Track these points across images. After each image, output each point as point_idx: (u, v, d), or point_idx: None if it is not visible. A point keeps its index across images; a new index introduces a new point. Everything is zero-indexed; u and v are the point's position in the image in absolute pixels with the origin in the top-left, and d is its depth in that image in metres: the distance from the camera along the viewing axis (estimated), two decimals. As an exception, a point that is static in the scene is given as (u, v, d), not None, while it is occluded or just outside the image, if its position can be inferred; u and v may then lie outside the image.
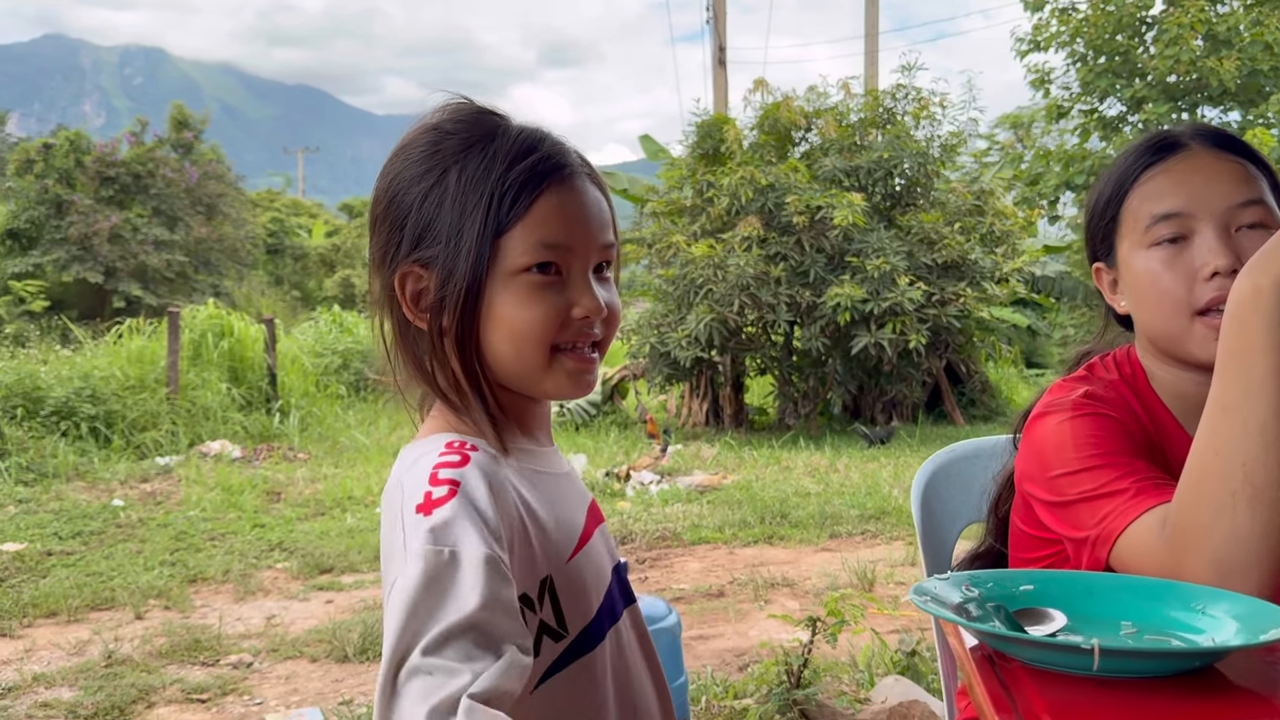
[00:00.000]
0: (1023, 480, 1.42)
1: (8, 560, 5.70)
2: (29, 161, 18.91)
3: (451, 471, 0.95)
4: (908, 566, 5.54)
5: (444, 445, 1.00)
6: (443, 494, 0.92)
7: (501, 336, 1.02)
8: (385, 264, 1.07)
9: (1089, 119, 19.88)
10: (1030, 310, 15.44)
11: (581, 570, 1.07)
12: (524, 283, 1.01)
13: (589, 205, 1.06)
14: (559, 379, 1.05)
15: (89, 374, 9.80)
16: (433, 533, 0.88)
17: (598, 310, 1.05)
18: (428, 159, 1.05)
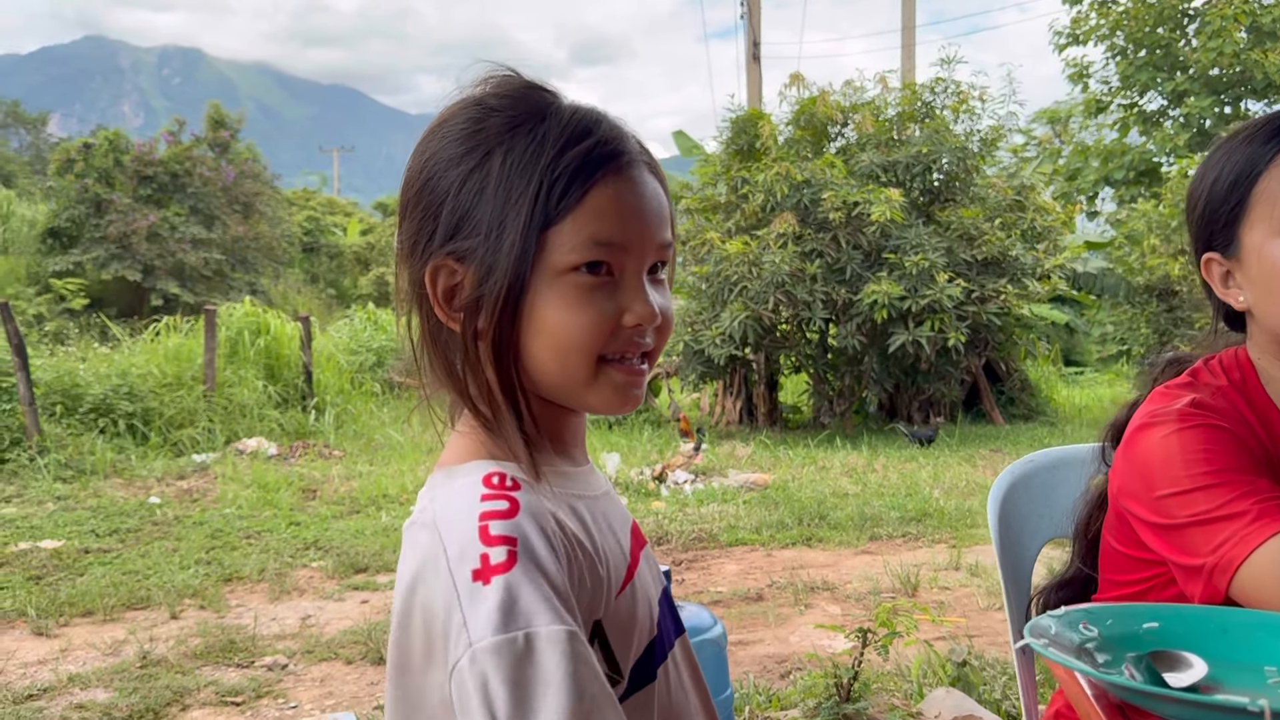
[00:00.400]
0: (1121, 497, 1.31)
1: (45, 558, 5.70)
2: (69, 161, 19.09)
3: (504, 526, 0.83)
4: (951, 570, 5.41)
5: (483, 483, 0.88)
6: (502, 559, 0.81)
7: (544, 344, 0.90)
8: (415, 255, 0.94)
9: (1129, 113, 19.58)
10: (1068, 307, 15.20)
11: (632, 604, 0.96)
12: (571, 284, 0.89)
13: (647, 198, 0.94)
14: (605, 393, 0.93)
15: (127, 371, 9.84)
16: (502, 613, 0.78)
17: (651, 318, 0.93)
18: (468, 138, 0.92)
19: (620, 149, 0.93)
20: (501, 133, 0.91)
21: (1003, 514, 1.66)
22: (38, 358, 9.74)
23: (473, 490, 0.87)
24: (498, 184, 0.89)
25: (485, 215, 0.90)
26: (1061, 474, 1.73)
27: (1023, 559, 1.67)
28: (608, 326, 0.91)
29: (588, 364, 0.91)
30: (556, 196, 0.88)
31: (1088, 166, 19.64)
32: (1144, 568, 1.33)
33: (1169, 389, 1.36)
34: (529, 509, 0.85)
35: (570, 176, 0.89)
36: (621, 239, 0.91)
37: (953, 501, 7.08)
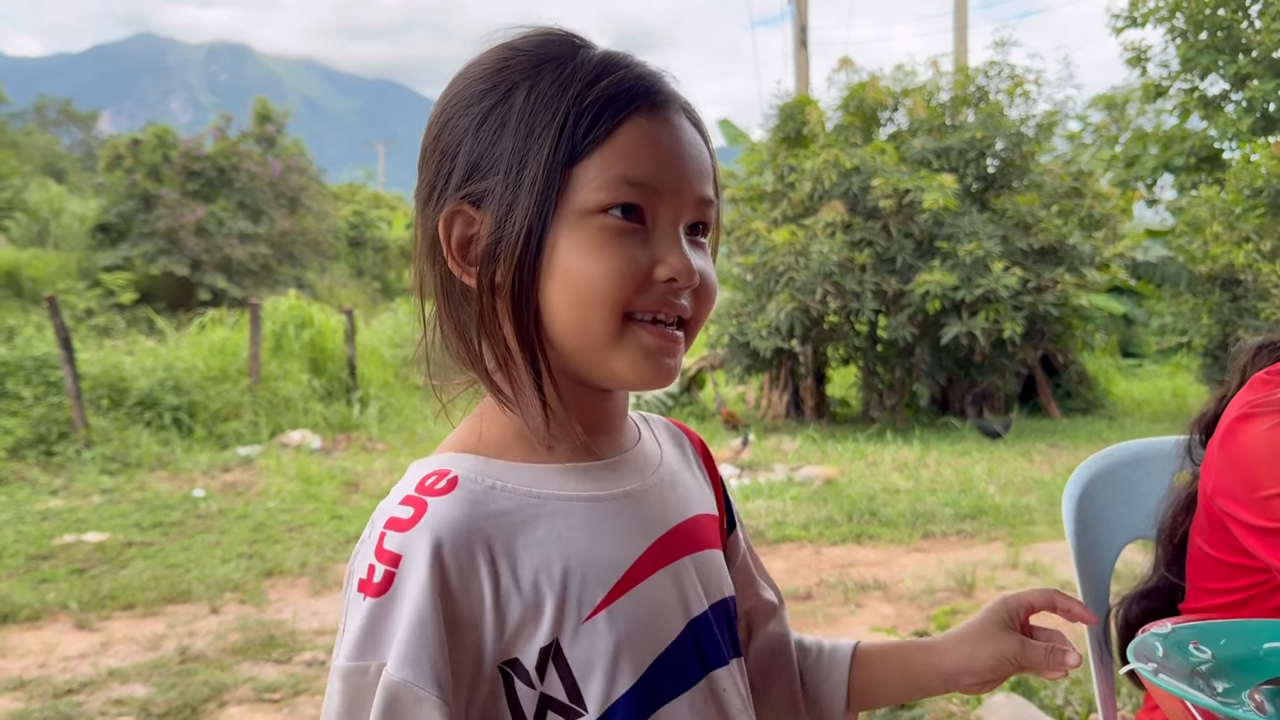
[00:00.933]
0: (1217, 497, 1.16)
1: (89, 550, 5.71)
2: (118, 157, 19.33)
3: (396, 540, 0.77)
4: (1009, 569, 5.23)
5: (415, 484, 0.81)
6: (379, 579, 0.76)
7: (565, 294, 0.80)
8: (431, 204, 0.84)
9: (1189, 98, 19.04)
10: (1126, 298, 14.81)
11: (615, 626, 0.82)
12: (598, 225, 0.79)
13: (685, 144, 0.83)
14: (632, 356, 0.81)
15: (172, 365, 9.89)
16: (358, 639, 0.75)
17: (688, 274, 0.81)
18: (491, 76, 0.83)
19: (656, 87, 0.83)
20: (527, 69, 0.82)
21: (1080, 513, 1.51)
22: (85, 351, 9.83)
23: (401, 490, 0.82)
24: (520, 118, 0.80)
25: (506, 151, 0.80)
26: (1143, 469, 1.57)
27: (1101, 562, 1.52)
28: (637, 277, 0.80)
29: (613, 319, 0.80)
30: (584, 129, 0.79)
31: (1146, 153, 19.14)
32: (1242, 575, 1.19)
33: (1271, 375, 1.20)
34: (436, 523, 0.77)
35: (600, 109, 0.80)
36: (655, 181, 0.81)
37: (1009, 498, 6.86)
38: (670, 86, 0.85)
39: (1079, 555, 1.49)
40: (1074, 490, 1.52)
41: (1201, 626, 0.82)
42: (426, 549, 0.76)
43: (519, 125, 0.80)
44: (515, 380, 0.82)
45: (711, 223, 0.87)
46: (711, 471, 1.05)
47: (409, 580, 0.75)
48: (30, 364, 9.00)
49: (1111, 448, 1.58)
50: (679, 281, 0.81)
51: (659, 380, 0.83)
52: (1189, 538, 1.34)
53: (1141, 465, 1.55)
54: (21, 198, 19.97)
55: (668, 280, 0.81)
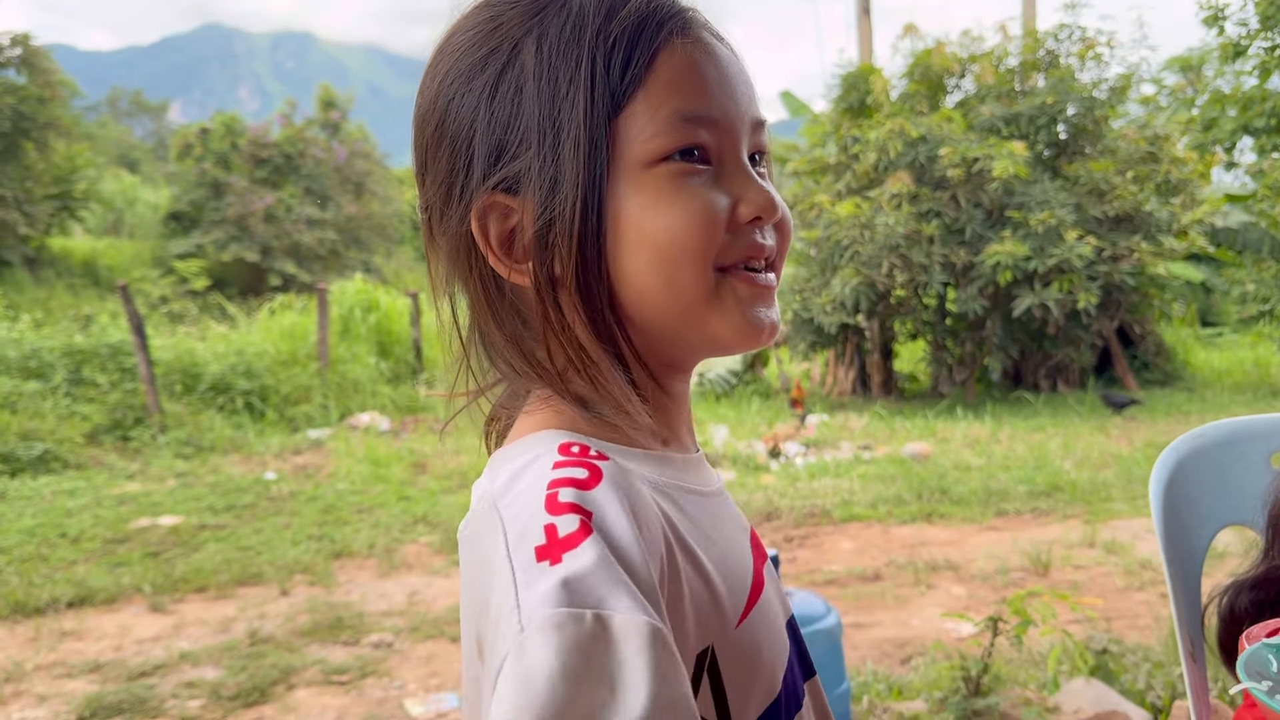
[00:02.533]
0: None
1: (164, 534, 5.82)
2: (188, 146, 19.77)
3: (578, 494, 0.62)
4: (1086, 547, 5.08)
5: (557, 449, 0.67)
6: (572, 529, 0.60)
7: (642, 260, 0.69)
8: (452, 204, 0.72)
9: (1270, 56, 18.28)
10: (1204, 265, 14.32)
11: (756, 637, 0.72)
12: (664, 174, 0.68)
13: (728, 63, 0.72)
14: (732, 314, 0.70)
15: (243, 350, 10.07)
16: (566, 588, 0.57)
17: (771, 206, 0.71)
18: (485, 38, 0.71)
19: (678, 6, 0.71)
20: (524, 19, 0.70)
21: (1168, 498, 1.41)
22: (158, 338, 10.05)
23: (545, 459, 0.67)
24: (538, 78, 0.68)
25: (532, 120, 0.69)
26: (1238, 450, 1.47)
27: (1193, 550, 1.42)
28: (720, 223, 0.69)
29: (705, 273, 0.69)
30: (618, 70, 0.68)
31: (1225, 115, 18.43)
32: None
33: None
34: (613, 480, 0.65)
35: (630, 42, 0.68)
36: (712, 111, 0.70)
37: (1085, 474, 6.67)
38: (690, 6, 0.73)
39: (1167, 543, 1.39)
40: (1162, 474, 1.42)
41: (1319, 634, 0.74)
42: (620, 506, 0.63)
43: (540, 86, 0.69)
44: (598, 379, 0.70)
45: (766, 149, 0.76)
46: None
47: (614, 533, 0.62)
48: (106, 351, 9.22)
49: (1203, 428, 1.47)
50: (764, 218, 0.71)
51: (764, 337, 0.73)
52: None
53: (1235, 446, 1.45)
54: (97, 188, 20.48)
55: (752, 220, 0.71)
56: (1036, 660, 3.38)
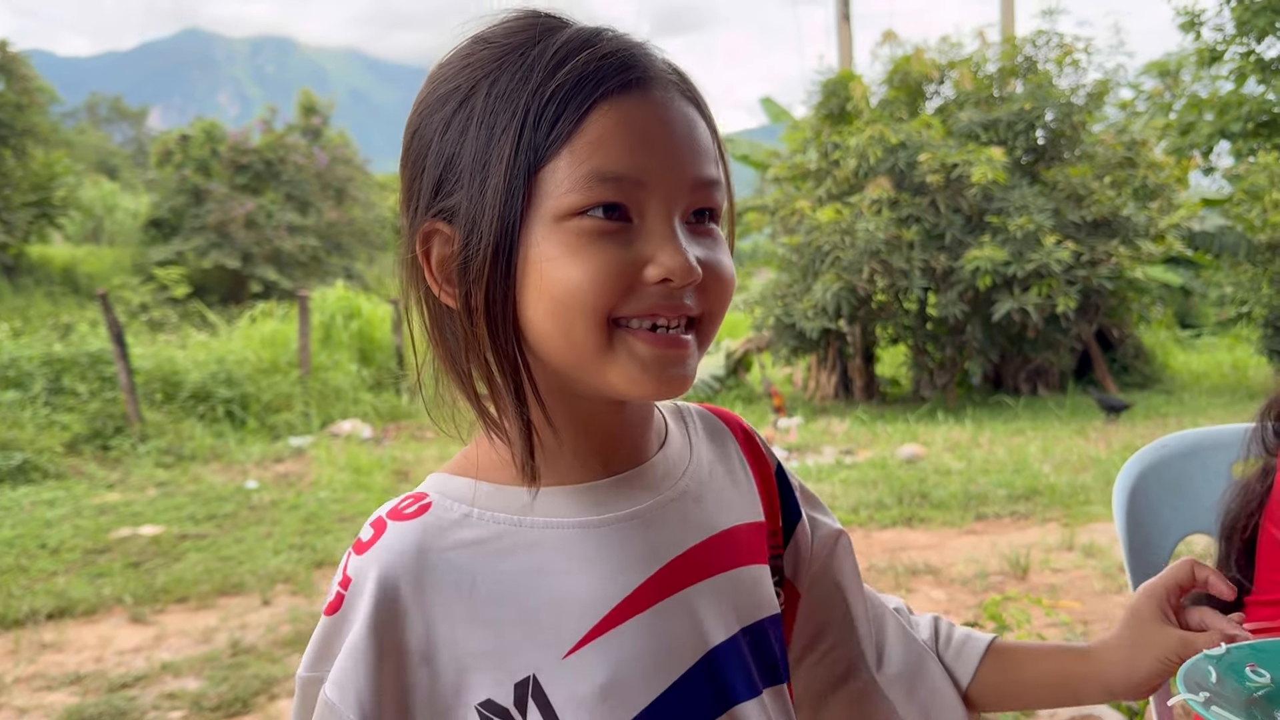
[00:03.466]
0: None
1: (145, 544, 5.80)
2: (168, 153, 19.70)
3: (354, 563, 0.77)
4: (1064, 550, 5.12)
5: (399, 500, 0.81)
6: (332, 599, 0.77)
7: (544, 308, 0.72)
8: (408, 223, 0.78)
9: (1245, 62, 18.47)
10: (1183, 269, 14.46)
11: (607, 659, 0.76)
12: (573, 230, 0.71)
13: (673, 124, 0.74)
14: (626, 368, 0.73)
15: (224, 358, 10.04)
16: (311, 651, 0.77)
17: (686, 271, 0.72)
18: (456, 75, 0.76)
19: (630, 61, 0.74)
20: (489, 63, 0.74)
21: (1132, 508, 1.44)
22: (138, 346, 10.01)
23: (382, 508, 0.81)
24: (480, 121, 0.73)
25: (468, 160, 0.73)
26: (1199, 461, 1.50)
27: (1156, 559, 1.45)
28: (620, 280, 0.72)
29: (597, 327, 0.72)
30: (546, 127, 0.71)
31: (1201, 119, 18.61)
32: None
33: None
34: (386, 552, 0.76)
35: (564, 99, 0.71)
36: (635, 172, 0.72)
37: (1064, 477, 6.73)
38: (650, 60, 0.75)
39: (1131, 552, 1.42)
40: (1125, 484, 1.45)
41: (1258, 646, 0.76)
42: (374, 577, 0.75)
43: (479, 130, 0.73)
44: (499, 403, 0.77)
45: (719, 205, 0.78)
46: (758, 466, 0.96)
47: (355, 606, 0.75)
48: (85, 360, 9.18)
49: (1165, 438, 1.50)
50: (674, 280, 0.72)
51: (665, 391, 0.75)
52: (1260, 529, 1.27)
53: (1197, 457, 1.48)
54: (76, 195, 20.37)
55: (661, 280, 0.72)
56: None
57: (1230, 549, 1.29)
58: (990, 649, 0.99)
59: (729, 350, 12.54)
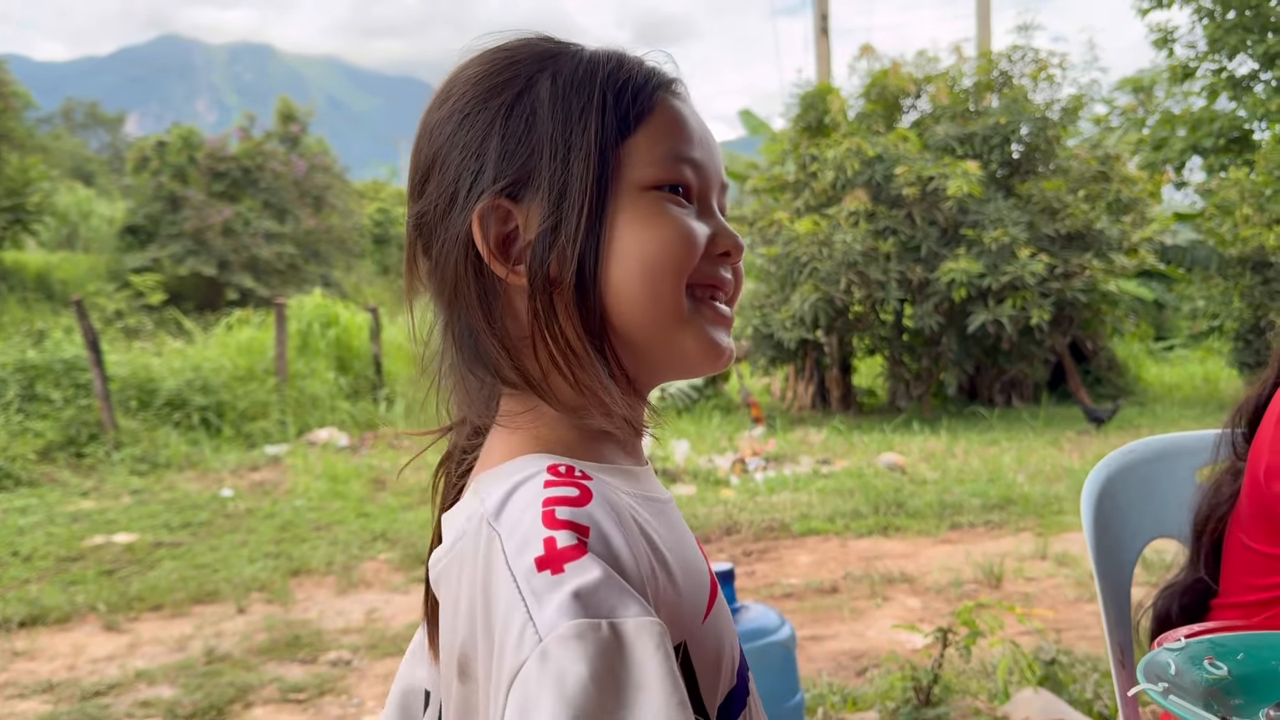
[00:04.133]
0: (1274, 480, 1.12)
1: (119, 551, 5.76)
2: (144, 159, 19.56)
3: (572, 511, 0.68)
4: (1038, 560, 5.17)
5: (546, 469, 0.73)
6: (571, 543, 0.65)
7: (631, 270, 0.75)
8: (456, 207, 0.78)
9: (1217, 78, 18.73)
10: (1156, 282, 14.62)
11: (719, 632, 0.79)
12: (655, 198, 0.77)
13: (707, 129, 0.83)
14: (700, 334, 0.79)
15: (200, 365, 9.98)
16: (579, 599, 0.62)
17: (740, 248, 0.82)
18: (501, 71, 0.79)
19: (672, 73, 0.83)
20: (539, 59, 0.80)
21: (1099, 512, 1.47)
22: (113, 353, 9.93)
23: (535, 479, 0.72)
24: (553, 102, 0.77)
25: (545, 137, 0.76)
26: (1165, 465, 1.53)
27: (1122, 562, 1.48)
28: (699, 247, 0.78)
29: (681, 290, 0.77)
30: (625, 105, 0.78)
31: (1174, 135, 18.85)
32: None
33: None
34: (603, 498, 0.71)
35: (636, 88, 0.79)
36: (701, 158, 0.81)
37: (1038, 487, 6.79)
38: (676, 71, 0.84)
39: (1098, 555, 1.45)
40: (1093, 489, 1.48)
41: (1217, 640, 0.79)
42: (612, 520, 0.69)
43: (554, 110, 0.77)
44: (582, 379, 0.76)
45: (727, 210, 0.86)
46: None
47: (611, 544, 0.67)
48: (59, 367, 9.10)
49: (1132, 444, 1.54)
50: (733, 255, 0.81)
51: (723, 361, 0.81)
52: (1227, 532, 1.30)
53: (1163, 462, 1.52)
54: (51, 201, 20.18)
55: (722, 254, 0.81)
56: (987, 671, 3.45)
57: (1200, 549, 1.32)
58: None
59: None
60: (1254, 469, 1.19)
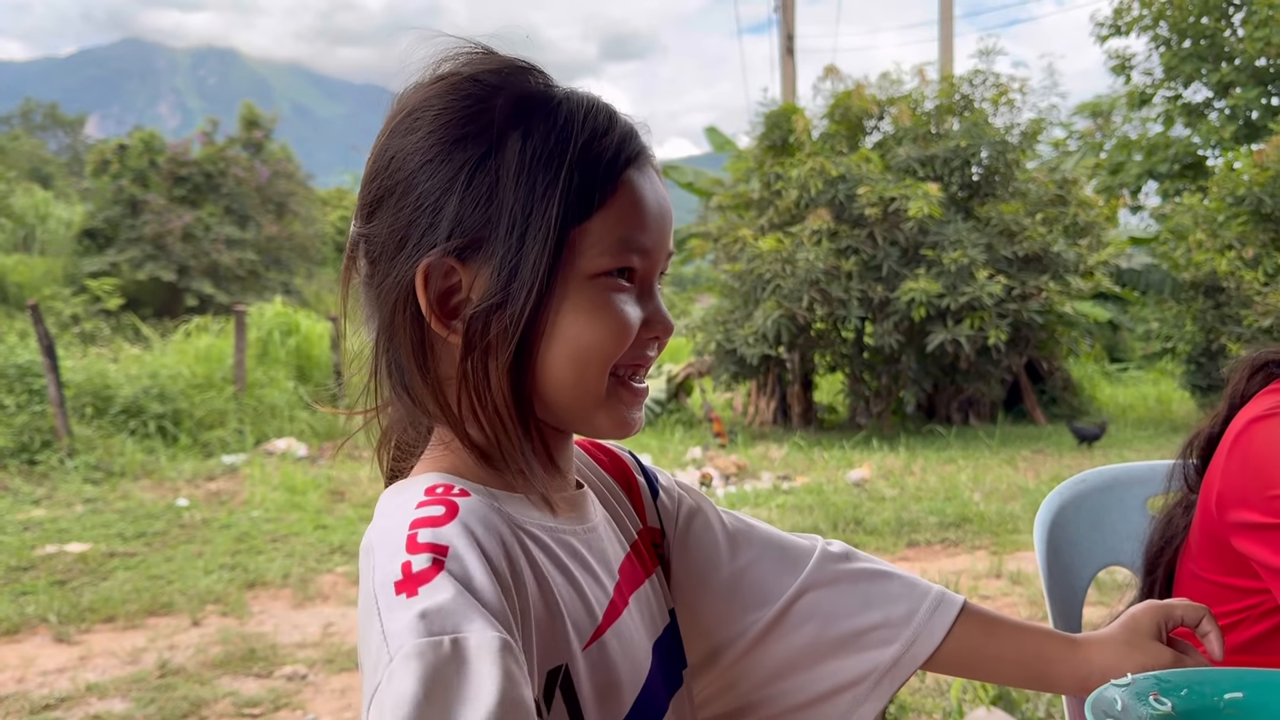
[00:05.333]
0: (1224, 507, 1.16)
1: (71, 561, 5.67)
2: (104, 162, 19.32)
3: (433, 532, 0.72)
4: (993, 578, 5.24)
5: (423, 491, 0.77)
6: (425, 565, 0.69)
7: (562, 354, 0.79)
8: (403, 252, 0.80)
9: (1173, 105, 19.14)
10: (1111, 304, 14.88)
11: (608, 658, 0.82)
12: (600, 287, 0.79)
13: (664, 199, 0.84)
14: (616, 412, 0.83)
15: (157, 372, 9.85)
16: (424, 619, 0.65)
17: (669, 330, 0.84)
18: (472, 119, 0.79)
19: (642, 145, 0.83)
20: (514, 116, 0.79)
21: (1051, 539, 1.51)
22: (69, 359, 9.78)
23: (410, 502, 0.76)
24: (519, 173, 0.78)
25: (505, 209, 0.78)
26: (1116, 494, 1.57)
27: (1074, 589, 1.52)
28: (630, 336, 0.81)
29: (603, 377, 0.81)
30: (587, 192, 0.78)
31: (1131, 160, 19.25)
32: (1237, 598, 1.19)
33: None
34: (469, 515, 0.74)
35: (603, 168, 0.79)
36: (648, 243, 0.82)
37: (994, 505, 6.88)
38: (645, 137, 0.85)
39: (1050, 582, 1.49)
40: (1046, 517, 1.52)
41: (1162, 676, 0.82)
42: (470, 539, 0.72)
43: (518, 181, 0.78)
44: (504, 442, 0.80)
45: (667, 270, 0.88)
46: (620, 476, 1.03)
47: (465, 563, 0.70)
48: (13, 372, 8.95)
49: (1083, 474, 1.58)
50: (663, 338, 0.84)
51: (633, 431, 0.85)
52: (1178, 563, 1.34)
53: (1113, 491, 1.56)
54: (7, 203, 19.90)
55: (651, 338, 0.83)
56: (941, 690, 3.49)
57: (1153, 581, 1.36)
58: (964, 610, 1.01)
59: (670, 374, 12.61)
60: (1206, 499, 1.23)
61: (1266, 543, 1.10)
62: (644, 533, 0.99)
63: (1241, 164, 11.77)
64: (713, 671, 0.99)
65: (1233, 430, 1.22)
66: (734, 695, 0.99)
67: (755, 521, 1.06)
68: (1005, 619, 1.03)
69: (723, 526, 1.03)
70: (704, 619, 0.99)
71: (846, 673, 0.98)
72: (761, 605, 0.99)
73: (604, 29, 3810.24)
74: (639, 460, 1.07)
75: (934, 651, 0.99)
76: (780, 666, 0.98)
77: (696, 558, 1.01)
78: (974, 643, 1.00)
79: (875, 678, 0.98)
